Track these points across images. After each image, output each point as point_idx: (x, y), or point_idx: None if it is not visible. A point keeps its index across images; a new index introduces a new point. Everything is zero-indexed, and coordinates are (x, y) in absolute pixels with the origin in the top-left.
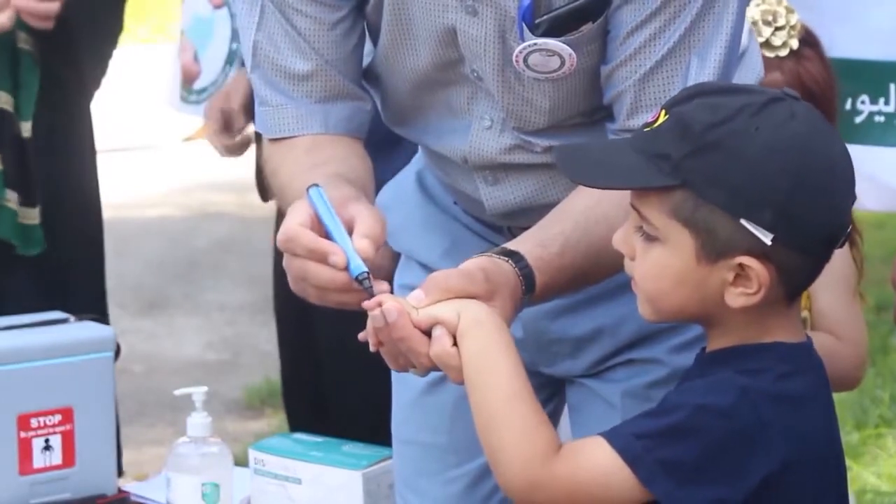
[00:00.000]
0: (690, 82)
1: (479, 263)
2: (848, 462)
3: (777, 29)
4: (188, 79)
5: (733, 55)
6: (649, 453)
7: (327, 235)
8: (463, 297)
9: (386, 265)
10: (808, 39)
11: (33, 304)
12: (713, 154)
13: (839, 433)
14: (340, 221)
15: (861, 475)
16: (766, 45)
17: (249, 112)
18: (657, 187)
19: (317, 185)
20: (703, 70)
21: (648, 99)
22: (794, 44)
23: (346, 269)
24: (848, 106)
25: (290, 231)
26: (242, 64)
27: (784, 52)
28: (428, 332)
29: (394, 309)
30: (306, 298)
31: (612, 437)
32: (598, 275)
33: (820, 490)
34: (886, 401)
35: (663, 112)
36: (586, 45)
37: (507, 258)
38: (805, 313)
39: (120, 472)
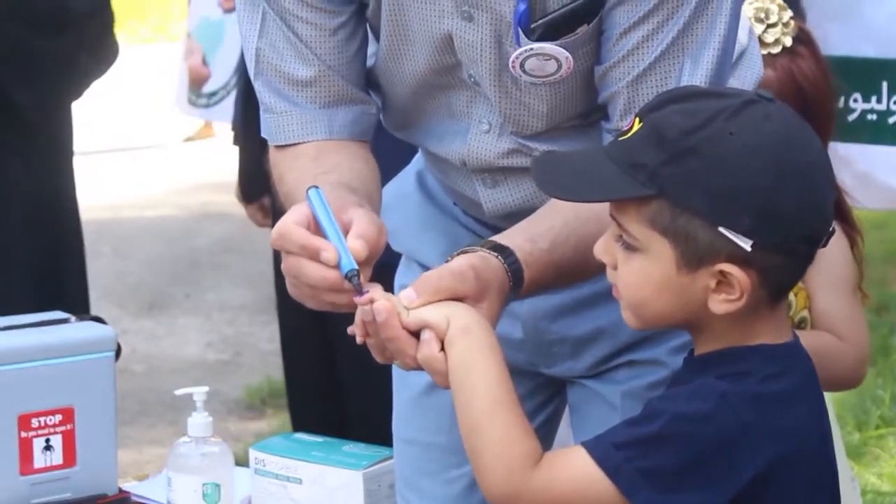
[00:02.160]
0: (683, 84)
1: (470, 261)
2: (849, 462)
3: (769, 26)
4: (196, 82)
5: (727, 57)
6: (629, 463)
7: (324, 236)
8: (454, 297)
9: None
10: (803, 37)
11: (13, 304)
12: (689, 161)
13: (830, 431)
14: (337, 222)
15: (862, 475)
16: (759, 42)
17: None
18: (634, 197)
19: (316, 186)
20: (696, 72)
21: (642, 100)
22: (788, 41)
23: (338, 267)
24: (841, 104)
25: (282, 228)
26: None
27: (776, 50)
28: (416, 334)
29: (383, 309)
30: (303, 302)
31: (591, 446)
32: (586, 272)
33: (812, 487)
34: (887, 401)
35: (637, 120)
36: (582, 47)
37: (496, 253)
38: (804, 313)
39: None
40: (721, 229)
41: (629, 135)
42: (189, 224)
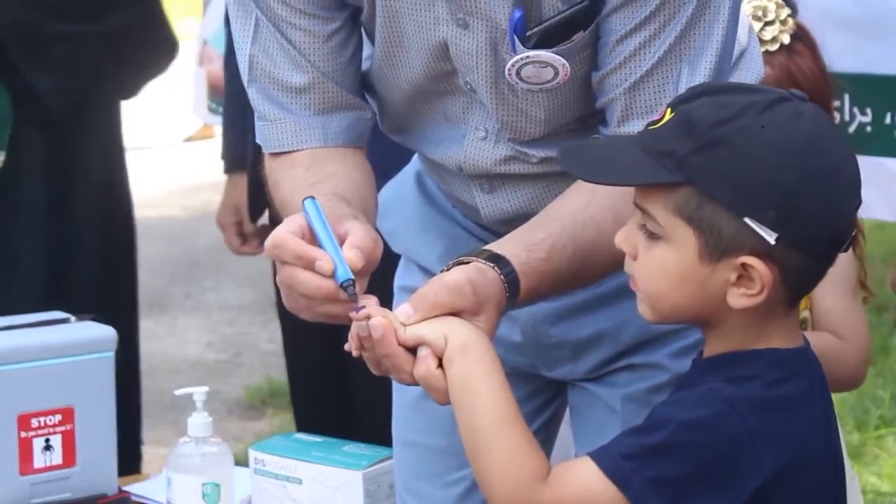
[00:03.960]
0: (681, 90)
1: (467, 274)
2: (849, 462)
3: (767, 24)
4: (217, 90)
5: (725, 63)
6: (637, 473)
7: (319, 246)
8: (451, 312)
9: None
10: (801, 35)
11: (36, 303)
12: (718, 151)
13: (838, 436)
14: (332, 232)
15: (861, 475)
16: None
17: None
18: (661, 184)
19: (312, 197)
20: (693, 78)
21: (639, 107)
22: (786, 39)
23: (334, 276)
24: (888, 120)
25: (277, 238)
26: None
27: (774, 47)
28: (413, 350)
29: (380, 325)
30: (298, 314)
31: (599, 457)
32: (583, 279)
33: (817, 495)
34: (887, 401)
35: (669, 110)
36: (578, 53)
37: (492, 264)
38: (805, 313)
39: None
40: (747, 220)
41: (660, 124)
42: (189, 224)
